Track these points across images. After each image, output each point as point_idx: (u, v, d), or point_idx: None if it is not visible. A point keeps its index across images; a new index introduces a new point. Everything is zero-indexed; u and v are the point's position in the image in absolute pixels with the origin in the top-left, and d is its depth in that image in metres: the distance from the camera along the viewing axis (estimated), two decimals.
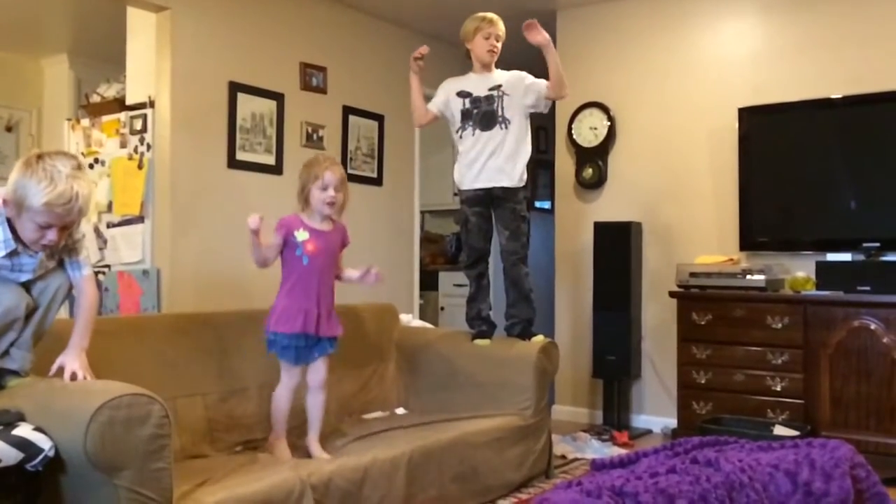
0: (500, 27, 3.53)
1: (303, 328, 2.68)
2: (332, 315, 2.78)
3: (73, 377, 2.17)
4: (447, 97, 3.59)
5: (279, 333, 2.70)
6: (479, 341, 3.53)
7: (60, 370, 2.20)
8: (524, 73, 3.58)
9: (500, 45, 3.54)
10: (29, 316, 2.21)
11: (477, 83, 3.54)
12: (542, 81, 3.55)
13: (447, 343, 3.63)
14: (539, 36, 3.44)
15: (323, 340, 2.77)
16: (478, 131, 3.50)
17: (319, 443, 2.74)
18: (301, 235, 2.72)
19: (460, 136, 3.56)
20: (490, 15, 3.53)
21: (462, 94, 3.54)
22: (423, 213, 6.05)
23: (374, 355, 3.62)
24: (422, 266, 5.72)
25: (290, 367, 2.75)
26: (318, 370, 2.79)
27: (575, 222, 5.03)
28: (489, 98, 3.49)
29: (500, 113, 3.49)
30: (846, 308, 3.70)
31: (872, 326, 3.62)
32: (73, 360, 2.21)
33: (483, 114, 3.50)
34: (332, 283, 2.82)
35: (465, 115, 3.53)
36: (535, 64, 3.61)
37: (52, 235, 2.12)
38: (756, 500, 1.89)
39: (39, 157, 2.08)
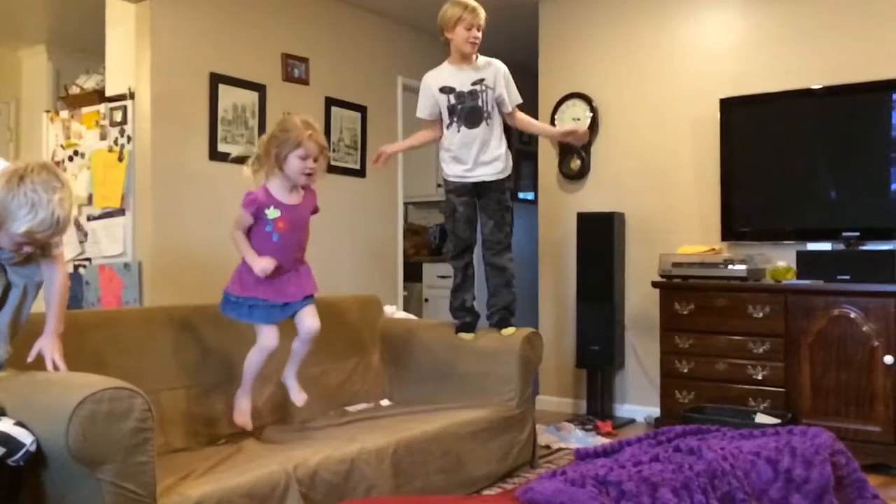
0: (482, 16, 3.41)
1: (274, 297, 2.67)
2: (302, 276, 2.75)
3: (55, 366, 2.18)
4: (432, 95, 3.49)
5: (244, 297, 2.66)
6: (462, 335, 3.53)
7: (39, 358, 2.20)
8: (502, 68, 3.50)
9: (481, 34, 3.43)
10: (2, 306, 2.19)
11: (459, 77, 3.45)
12: (515, 96, 3.52)
13: (431, 334, 3.63)
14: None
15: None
16: (464, 128, 3.45)
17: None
18: (272, 213, 2.65)
19: (446, 128, 3.52)
20: (472, 3, 3.40)
21: (445, 90, 3.45)
22: (406, 204, 6.04)
23: (358, 347, 3.62)
24: (405, 257, 5.72)
25: (261, 327, 2.72)
26: (307, 321, 2.75)
27: (558, 213, 5.04)
28: (473, 93, 3.44)
29: (484, 108, 3.44)
30: (826, 297, 3.74)
31: (852, 315, 3.66)
32: (50, 346, 2.21)
33: (468, 110, 3.44)
34: (302, 251, 2.79)
35: (451, 111, 3.48)
36: (517, 53, 3.59)
37: (29, 249, 2.14)
38: (738, 488, 1.90)
39: (21, 177, 2.03)
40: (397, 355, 3.65)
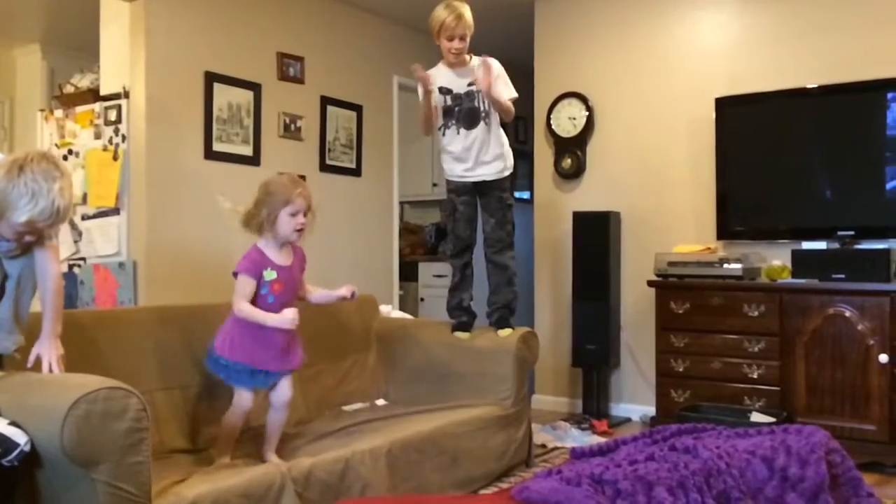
0: (465, 21, 3.32)
1: (263, 366, 2.57)
2: (292, 346, 2.65)
3: (51, 369, 2.16)
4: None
5: (233, 362, 2.56)
6: (458, 334, 3.52)
7: (38, 362, 2.18)
8: (494, 65, 3.46)
9: (468, 37, 3.36)
10: (1, 294, 2.19)
11: (455, 79, 3.45)
12: (509, 91, 3.47)
13: (427, 334, 3.63)
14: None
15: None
16: (462, 130, 3.45)
17: (277, 452, 2.63)
18: (269, 275, 2.56)
19: (443, 133, 3.51)
20: (455, 10, 3.31)
21: (443, 91, 3.45)
22: (402, 203, 6.03)
23: (353, 347, 3.61)
24: (401, 257, 5.72)
25: (242, 391, 2.61)
26: (282, 390, 2.64)
27: (554, 212, 5.04)
28: (469, 94, 3.44)
29: (481, 109, 3.44)
30: (821, 296, 3.74)
31: (847, 314, 3.67)
32: (49, 349, 2.20)
33: (466, 112, 3.44)
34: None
35: (448, 113, 3.47)
36: (513, 52, 3.58)
37: (30, 238, 2.14)
38: (733, 486, 1.91)
39: (21, 167, 2.03)
40: (393, 355, 3.65)
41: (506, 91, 3.48)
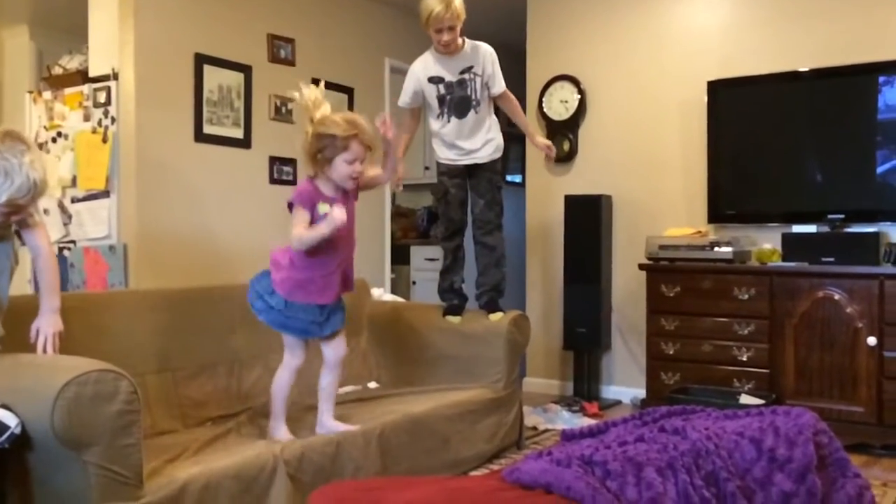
0: (454, 12, 3.25)
1: (323, 299, 2.52)
2: (348, 276, 2.63)
3: (44, 348, 2.18)
4: (418, 86, 3.46)
5: (291, 301, 2.48)
6: (450, 317, 3.53)
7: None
8: (489, 52, 3.45)
9: (458, 27, 3.31)
10: None
11: (447, 66, 3.42)
12: (500, 85, 3.48)
13: (419, 317, 3.64)
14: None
15: (333, 316, 2.61)
16: (454, 118, 3.45)
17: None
18: (323, 208, 2.47)
19: (437, 118, 3.50)
20: (440, 5, 3.21)
21: (434, 80, 3.43)
22: None
23: (345, 329, 3.61)
24: (393, 240, 5.71)
25: (294, 343, 2.58)
26: (337, 345, 2.65)
27: (546, 196, 5.04)
28: (461, 83, 3.42)
29: (473, 97, 3.43)
30: (811, 279, 3.76)
31: (836, 297, 3.69)
32: (47, 324, 2.21)
33: (458, 100, 3.43)
34: (352, 247, 2.65)
35: (440, 101, 3.46)
36: (505, 35, 3.57)
37: (16, 217, 2.15)
38: (721, 467, 1.92)
39: None
40: (385, 338, 3.65)
41: (496, 85, 3.48)
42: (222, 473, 2.18)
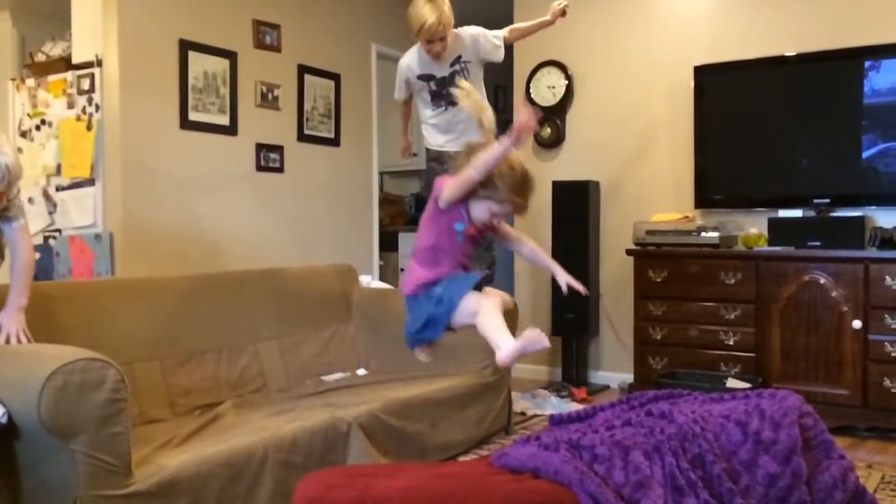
0: (445, 19, 3.23)
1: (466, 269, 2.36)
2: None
3: (8, 340, 2.17)
4: (409, 78, 3.53)
5: (443, 277, 2.28)
6: None
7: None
8: (472, 34, 3.47)
9: (448, 34, 3.31)
10: None
11: (437, 63, 3.45)
12: (498, 34, 3.50)
13: None
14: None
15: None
16: (451, 107, 3.49)
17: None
18: (460, 226, 2.34)
19: (432, 108, 3.53)
20: (435, 10, 3.19)
21: (424, 78, 3.47)
22: (381, 173, 5.99)
23: (334, 317, 3.62)
24: (381, 227, 5.70)
25: (464, 298, 2.25)
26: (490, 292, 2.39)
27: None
28: (453, 75, 3.46)
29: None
30: (797, 263, 3.79)
31: (822, 281, 3.72)
32: (9, 321, 2.19)
33: (450, 93, 3.44)
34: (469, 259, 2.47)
35: (435, 95, 3.51)
36: (492, 20, 3.56)
37: None
38: (707, 450, 1.94)
39: None
40: (373, 325, 3.65)
41: (490, 44, 3.51)
42: (212, 461, 2.18)
